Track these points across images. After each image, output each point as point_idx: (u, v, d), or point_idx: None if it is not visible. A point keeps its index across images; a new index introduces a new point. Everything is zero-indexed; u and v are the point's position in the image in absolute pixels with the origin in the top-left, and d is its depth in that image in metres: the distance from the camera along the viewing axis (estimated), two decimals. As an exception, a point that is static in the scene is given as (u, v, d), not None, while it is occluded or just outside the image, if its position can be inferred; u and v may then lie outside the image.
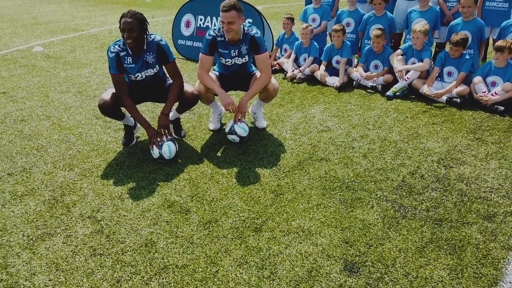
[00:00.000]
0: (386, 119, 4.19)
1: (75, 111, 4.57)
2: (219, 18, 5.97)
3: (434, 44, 5.74)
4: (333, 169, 3.21)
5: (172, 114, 3.80)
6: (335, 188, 2.94)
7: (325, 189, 2.93)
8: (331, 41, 5.56)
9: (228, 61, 3.63)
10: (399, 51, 5.06)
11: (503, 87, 4.23)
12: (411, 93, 4.86)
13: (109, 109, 3.35)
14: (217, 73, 3.84)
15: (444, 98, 4.52)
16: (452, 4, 5.17)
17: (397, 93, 4.78)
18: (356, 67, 5.39)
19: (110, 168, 3.31)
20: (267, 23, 6.47)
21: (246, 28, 3.51)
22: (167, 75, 3.63)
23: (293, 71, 5.62)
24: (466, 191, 2.85)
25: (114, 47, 3.28)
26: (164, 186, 3.04)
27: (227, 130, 3.69)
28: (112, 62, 3.27)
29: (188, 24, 6.89)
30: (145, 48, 3.32)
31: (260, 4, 14.06)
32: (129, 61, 3.32)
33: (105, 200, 2.87)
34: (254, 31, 3.50)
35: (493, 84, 4.39)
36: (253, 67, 3.87)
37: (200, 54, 3.59)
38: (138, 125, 3.90)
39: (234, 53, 3.57)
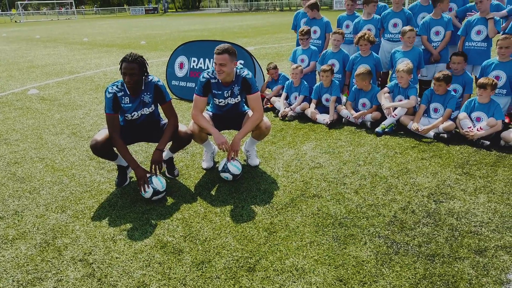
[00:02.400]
0: (376, 155, 4.27)
1: (69, 153, 4.60)
2: (212, 60, 6.19)
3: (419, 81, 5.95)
4: (325, 206, 3.24)
5: (165, 154, 3.85)
6: (328, 225, 2.96)
7: (318, 226, 2.95)
8: (320, 79, 5.75)
9: (222, 101, 3.76)
10: (386, 89, 5.24)
11: (488, 122, 4.37)
12: (399, 129, 4.99)
13: (101, 149, 3.39)
14: (211, 113, 3.95)
15: (432, 133, 4.64)
16: (436, 43, 5.41)
17: (386, 130, 4.90)
18: (345, 105, 5.54)
19: (103, 209, 3.30)
20: (258, 64, 6.69)
21: (238, 70, 3.65)
22: (161, 116, 3.72)
23: (284, 109, 5.75)
24: (457, 226, 2.88)
25: (112, 87, 3.38)
26: (157, 226, 3.03)
27: (220, 168, 3.73)
28: (108, 102, 3.36)
29: (181, 66, 7.10)
30: (143, 88, 3.42)
31: (251, 46, 14.53)
32: (127, 101, 3.42)
33: (97, 242, 2.85)
34: (246, 72, 3.65)
35: (478, 119, 4.53)
36: (245, 106, 3.99)
37: (194, 95, 3.71)
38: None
39: (227, 94, 3.70)
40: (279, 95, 6.25)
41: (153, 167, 3.46)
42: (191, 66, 6.97)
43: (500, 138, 4.33)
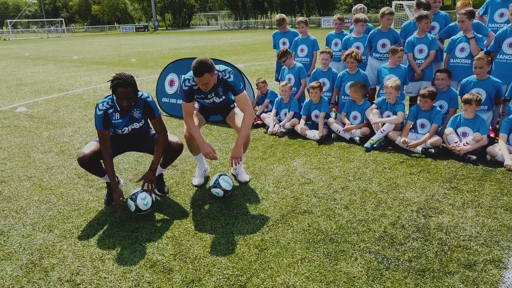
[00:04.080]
0: (366, 170, 4.30)
1: (57, 171, 4.55)
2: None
3: (407, 97, 6.06)
4: (316, 222, 3.24)
5: (158, 170, 3.85)
6: (319, 241, 2.95)
7: (309, 242, 2.94)
8: (309, 96, 5.82)
9: (207, 101, 3.86)
10: (374, 105, 5.33)
11: (474, 137, 4.45)
12: (388, 144, 5.05)
13: (88, 163, 3.37)
14: (198, 106, 4.03)
15: (419, 148, 4.70)
16: (420, 61, 5.55)
17: (375, 145, 4.96)
18: (335, 119, 5.63)
19: (91, 228, 3.26)
20: (248, 81, 6.75)
21: (220, 75, 3.64)
22: (151, 125, 3.75)
23: (274, 125, 5.80)
24: (446, 240, 2.91)
25: (103, 104, 3.38)
26: (147, 245, 2.99)
27: (211, 184, 3.72)
28: (99, 120, 3.35)
29: (172, 83, 7.13)
30: (132, 104, 3.43)
31: (241, 63, 14.68)
32: (117, 117, 3.43)
33: (85, 262, 2.80)
34: (227, 76, 3.63)
35: (464, 134, 4.62)
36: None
37: (182, 101, 3.76)
38: (121, 182, 3.96)
39: (211, 96, 3.77)
40: (268, 110, 6.32)
41: (145, 185, 3.46)
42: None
43: (486, 153, 4.41)
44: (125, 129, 3.52)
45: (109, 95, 3.43)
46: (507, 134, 4.40)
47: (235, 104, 4.05)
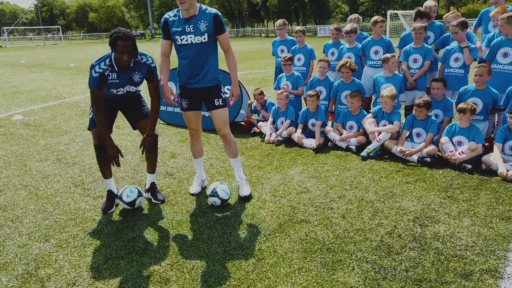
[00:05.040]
0: (362, 179, 4.32)
1: (53, 179, 4.53)
2: None
3: (403, 106, 6.12)
4: (313, 231, 3.24)
5: (149, 178, 3.94)
6: (316, 251, 2.96)
7: (306, 252, 2.94)
8: (306, 105, 5.86)
9: (183, 38, 3.49)
10: (370, 114, 5.37)
11: (469, 146, 4.49)
12: (384, 153, 5.08)
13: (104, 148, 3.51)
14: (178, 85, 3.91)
15: (415, 157, 4.73)
16: (413, 71, 5.61)
17: (371, 154, 4.98)
18: (333, 127, 5.67)
19: (88, 238, 3.24)
20: (245, 90, 6.78)
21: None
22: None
23: (271, 134, 5.82)
24: (443, 250, 2.92)
25: (100, 66, 3.33)
26: (143, 254, 2.98)
27: (208, 192, 3.73)
28: (94, 81, 3.32)
29: (168, 91, 7.13)
30: (132, 65, 3.40)
31: (238, 71, 14.70)
32: (114, 77, 3.41)
33: (82, 272, 2.78)
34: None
35: (459, 143, 4.66)
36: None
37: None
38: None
39: (188, 29, 3.46)
40: (265, 119, 6.34)
41: (145, 150, 3.70)
42: (179, 92, 7.01)
43: (481, 162, 4.45)
44: (120, 90, 3.50)
45: (106, 55, 3.38)
46: (502, 143, 4.44)
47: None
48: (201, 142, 4.14)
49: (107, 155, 3.51)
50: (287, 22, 7.06)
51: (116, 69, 3.38)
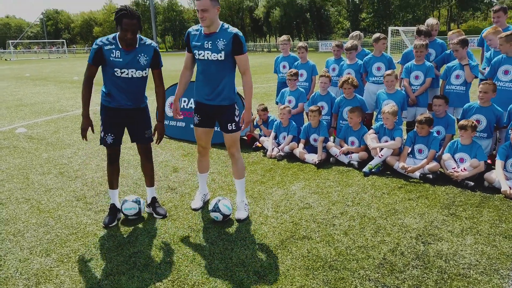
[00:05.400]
0: (364, 195, 4.31)
1: (55, 193, 4.54)
2: None
3: (404, 122, 6.14)
4: (315, 248, 3.23)
5: (149, 193, 4.00)
6: (318, 268, 2.94)
7: (308, 269, 2.92)
8: (308, 120, 5.89)
9: (201, 53, 3.51)
10: (371, 130, 5.39)
11: (471, 163, 4.49)
12: (386, 169, 5.08)
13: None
14: (195, 101, 3.87)
15: (417, 174, 4.73)
16: (415, 87, 5.65)
17: (373, 170, 4.98)
18: (335, 142, 5.69)
19: (89, 253, 3.23)
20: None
21: (226, 25, 3.49)
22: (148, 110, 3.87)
23: (273, 149, 5.84)
24: (446, 268, 2.90)
25: (101, 40, 3.42)
26: (145, 270, 2.97)
27: (210, 208, 3.73)
28: (91, 53, 3.43)
29: (171, 106, 7.18)
30: (137, 46, 3.45)
31: (240, 85, 14.83)
32: (117, 55, 3.41)
33: (82, 287, 2.77)
34: (237, 30, 3.48)
35: (462, 160, 4.66)
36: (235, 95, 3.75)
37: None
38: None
39: (207, 45, 3.47)
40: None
41: (159, 139, 3.79)
42: (182, 106, 7.07)
43: (483, 179, 4.44)
44: (124, 71, 3.46)
45: (113, 34, 3.46)
46: (504, 161, 4.44)
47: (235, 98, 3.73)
48: (208, 158, 4.11)
49: (81, 127, 3.65)
50: (291, 38, 7.15)
51: (120, 47, 3.41)
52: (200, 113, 3.78)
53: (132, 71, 3.49)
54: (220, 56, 3.46)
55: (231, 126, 3.70)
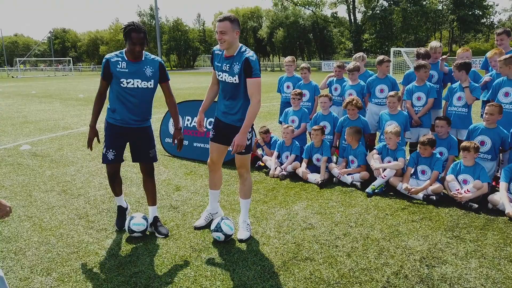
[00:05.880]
0: (367, 216, 4.29)
1: (58, 211, 4.54)
2: (206, 119, 6.41)
3: (408, 142, 6.15)
4: (318, 270, 3.19)
5: (150, 213, 4.02)
6: (321, 291, 2.90)
7: (311, 292, 2.89)
8: (311, 139, 5.91)
9: (219, 74, 3.66)
10: (374, 151, 5.40)
11: (474, 185, 4.47)
12: (389, 190, 5.06)
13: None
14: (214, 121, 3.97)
15: (421, 195, 4.71)
16: (418, 108, 5.69)
17: (376, 190, 4.97)
18: (336, 163, 5.68)
19: (90, 272, 3.21)
20: (252, 127, 6.86)
21: (243, 48, 3.54)
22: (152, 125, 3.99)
23: (275, 168, 5.84)
24: (451, 292, 2.85)
25: (109, 54, 3.64)
26: (145, 291, 2.94)
27: (212, 227, 3.71)
28: (102, 67, 3.64)
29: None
30: (143, 59, 3.63)
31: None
32: (123, 66, 3.58)
33: (82, 308, 2.74)
34: (250, 53, 3.50)
35: (465, 181, 4.64)
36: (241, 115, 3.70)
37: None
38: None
39: (225, 67, 3.58)
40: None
41: (179, 144, 4.00)
42: (185, 125, 7.13)
43: (487, 201, 4.41)
44: (130, 81, 3.59)
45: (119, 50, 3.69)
46: (508, 183, 4.42)
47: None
48: (220, 175, 4.08)
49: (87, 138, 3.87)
50: (295, 59, 7.25)
51: (127, 59, 3.59)
52: (215, 129, 3.90)
53: (137, 81, 3.62)
54: (235, 80, 3.55)
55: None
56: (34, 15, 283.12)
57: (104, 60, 3.62)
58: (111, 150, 3.76)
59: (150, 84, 3.69)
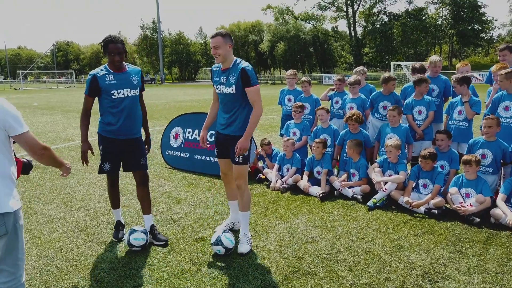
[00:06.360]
0: (369, 230, 4.26)
1: (57, 223, 4.51)
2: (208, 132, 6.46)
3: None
4: (319, 284, 3.16)
5: (146, 220, 4.09)
6: (322, 306, 2.86)
7: (312, 307, 2.85)
8: (312, 152, 5.91)
9: (218, 87, 3.81)
10: (375, 164, 5.39)
11: (477, 199, 4.45)
12: (390, 203, 5.03)
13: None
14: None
15: (422, 209, 4.69)
16: (419, 122, 5.70)
17: (377, 204, 4.94)
18: (337, 176, 5.67)
19: (89, 286, 3.18)
20: (253, 138, 6.87)
21: (237, 60, 3.71)
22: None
23: (276, 181, 5.83)
24: (454, 308, 2.81)
25: (94, 70, 3.76)
26: (145, 305, 2.90)
27: (213, 240, 3.69)
28: (87, 84, 3.76)
29: (176, 136, 7.26)
30: (127, 69, 3.82)
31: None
32: (111, 78, 3.72)
33: (81, 322, 2.70)
34: (246, 64, 3.66)
35: (468, 195, 4.62)
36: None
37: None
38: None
39: (222, 80, 3.73)
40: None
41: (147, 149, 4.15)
42: (186, 137, 7.14)
43: (490, 215, 4.38)
44: (120, 91, 3.73)
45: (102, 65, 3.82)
46: (507, 195, 4.40)
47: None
48: (235, 185, 4.06)
49: (81, 151, 3.92)
50: (297, 72, 7.29)
51: (112, 71, 3.74)
52: (217, 145, 4.00)
53: (127, 90, 3.78)
54: (232, 90, 3.68)
55: (238, 159, 3.76)
56: (38, 28, 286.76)
57: (89, 77, 3.72)
58: (106, 163, 3.91)
59: (137, 92, 3.89)
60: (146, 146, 4.14)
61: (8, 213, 2.23)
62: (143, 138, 4.12)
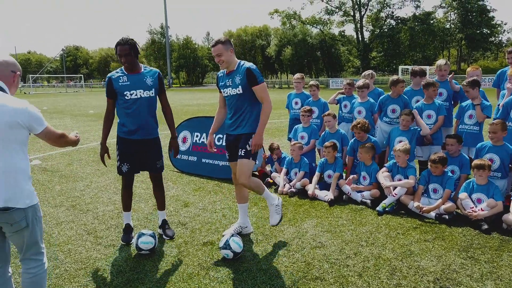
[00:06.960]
0: (378, 235, 4.21)
1: (66, 226, 4.53)
2: (216, 135, 6.45)
3: (416, 160, 6.06)
4: (328, 290, 3.12)
5: (160, 215, 4.26)
6: (332, 312, 2.83)
7: (322, 313, 2.82)
8: (320, 156, 5.87)
9: (224, 91, 3.89)
10: (384, 169, 5.34)
11: (488, 204, 4.38)
12: (400, 208, 4.98)
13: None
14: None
15: (433, 214, 4.62)
16: (429, 126, 5.63)
17: (387, 209, 4.89)
18: (346, 179, 5.64)
19: (97, 289, 3.17)
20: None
21: (241, 62, 3.80)
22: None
23: (284, 185, 5.80)
24: (467, 315, 2.76)
25: (110, 73, 3.89)
26: (153, 309, 2.89)
27: (221, 244, 3.67)
28: (105, 87, 3.91)
29: (184, 140, 7.28)
30: (142, 70, 3.88)
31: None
32: (124, 79, 3.81)
33: (89, 326, 2.70)
34: (249, 64, 3.77)
35: (479, 201, 4.55)
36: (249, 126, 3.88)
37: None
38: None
39: (228, 83, 3.82)
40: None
41: (174, 152, 4.27)
42: (194, 141, 7.16)
43: (501, 221, 4.31)
44: (133, 92, 3.80)
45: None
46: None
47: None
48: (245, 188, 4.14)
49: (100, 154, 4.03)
50: (304, 76, 7.28)
51: (126, 73, 3.84)
52: (228, 148, 4.05)
53: (140, 91, 3.84)
54: (239, 90, 3.77)
55: (240, 152, 3.81)
56: (48, 33, 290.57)
57: (106, 79, 3.88)
58: (125, 164, 3.97)
59: (152, 93, 3.92)
60: (173, 149, 4.27)
61: (28, 207, 2.43)
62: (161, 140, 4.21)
